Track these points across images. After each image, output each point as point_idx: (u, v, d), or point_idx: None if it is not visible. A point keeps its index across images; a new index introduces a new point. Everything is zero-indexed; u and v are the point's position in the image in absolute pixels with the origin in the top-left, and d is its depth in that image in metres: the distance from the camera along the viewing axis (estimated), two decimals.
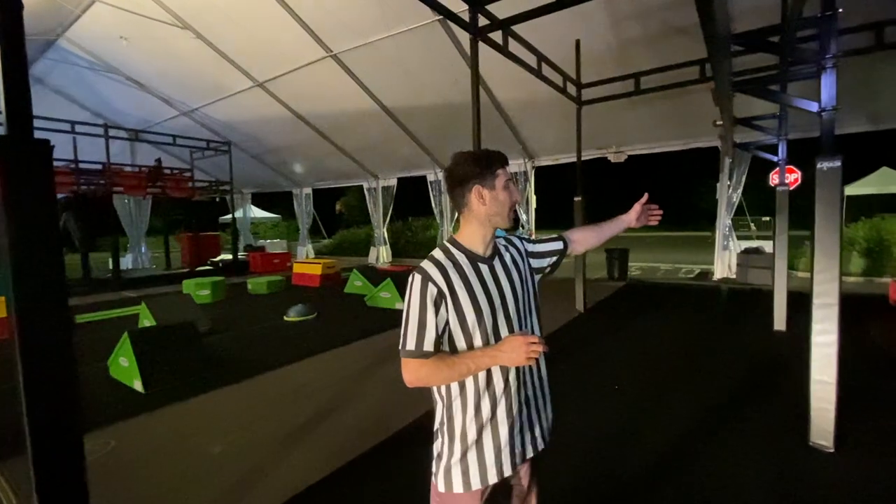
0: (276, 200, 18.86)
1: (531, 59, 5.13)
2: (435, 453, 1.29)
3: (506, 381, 1.23)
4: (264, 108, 10.38)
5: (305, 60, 8.46)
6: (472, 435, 1.22)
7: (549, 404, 1.39)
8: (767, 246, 8.30)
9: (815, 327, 2.81)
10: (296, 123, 10.87)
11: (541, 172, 10.81)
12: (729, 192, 8.61)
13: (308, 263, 10.93)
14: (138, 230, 14.19)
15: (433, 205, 12.42)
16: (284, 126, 11.05)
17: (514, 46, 4.61)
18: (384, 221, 13.89)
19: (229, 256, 13.74)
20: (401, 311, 1.26)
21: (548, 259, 1.47)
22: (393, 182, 13.38)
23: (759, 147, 5.63)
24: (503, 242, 1.38)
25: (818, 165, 2.76)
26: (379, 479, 2.57)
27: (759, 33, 3.27)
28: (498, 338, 1.22)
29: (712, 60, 2.81)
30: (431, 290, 1.18)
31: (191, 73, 9.70)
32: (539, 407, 1.34)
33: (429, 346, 1.17)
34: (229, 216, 15.06)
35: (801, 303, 5.11)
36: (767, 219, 14.79)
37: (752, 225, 9.94)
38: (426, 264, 1.24)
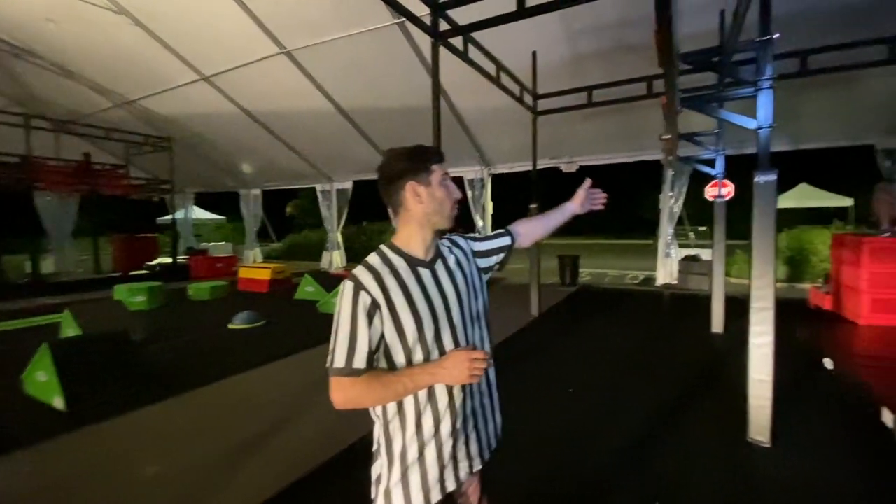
0: (222, 201, 17.90)
1: (490, 68, 5.19)
2: (373, 476, 1.19)
3: (450, 394, 1.14)
4: (211, 103, 9.82)
5: (257, 56, 8.09)
6: (412, 454, 1.13)
7: (497, 411, 1.31)
8: (704, 254, 8.89)
9: (753, 329, 2.99)
10: (245, 121, 10.37)
11: (497, 180, 10.97)
12: (671, 203, 9.14)
13: (256, 268, 10.42)
14: (62, 230, 12.90)
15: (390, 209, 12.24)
16: (232, 123, 10.51)
17: (473, 53, 4.64)
18: (338, 225, 13.55)
19: (168, 260, 12.83)
20: None
21: (495, 257, 1.39)
22: (348, 185, 13.08)
23: (698, 161, 6.01)
24: (447, 244, 1.29)
25: (756, 179, 2.96)
26: (333, 495, 2.44)
27: (704, 54, 3.49)
28: (441, 350, 1.13)
29: (666, 77, 2.95)
30: (364, 300, 1.08)
31: (128, 63, 8.99)
32: (487, 416, 1.26)
33: (360, 362, 1.07)
34: (169, 217, 14.09)
35: (735, 307, 5.53)
36: (704, 228, 15.96)
37: (690, 234, 10.60)
38: (359, 271, 1.13)
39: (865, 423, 3.10)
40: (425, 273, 1.17)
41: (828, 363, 4.23)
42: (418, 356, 1.12)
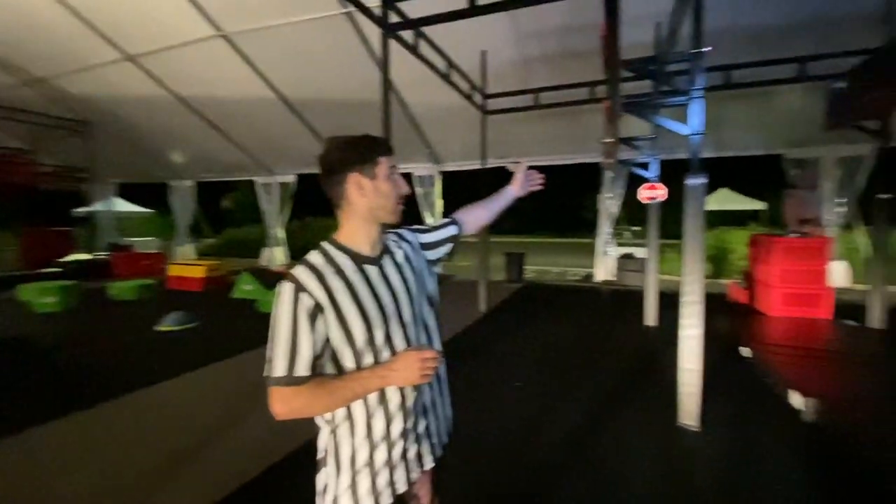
0: (150, 193, 16.50)
1: (440, 65, 5.17)
2: (319, 487, 1.12)
3: (402, 394, 1.10)
4: (136, 85, 8.99)
5: (190, 37, 7.51)
6: (362, 458, 1.07)
7: (448, 406, 1.28)
8: (639, 252, 9.46)
9: (683, 322, 3.21)
10: (176, 107, 9.61)
11: (447, 177, 11.00)
12: (609, 204, 9.63)
13: (188, 265, 9.71)
14: None
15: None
16: (162, 109, 9.70)
17: (423, 49, 4.61)
18: (280, 220, 12.97)
19: (86, 256, 11.63)
20: None
21: (443, 247, 1.35)
22: (291, 178, 12.56)
23: (635, 164, 6.36)
24: (393, 238, 1.23)
25: (687, 182, 3.17)
26: None
27: (643, 62, 3.68)
28: (392, 350, 1.08)
29: (609, 83, 3.08)
30: (305, 302, 1.00)
31: (36, 35, 8.01)
32: (438, 413, 1.23)
33: (302, 370, 0.99)
34: (87, 209, 12.77)
35: (666, 301, 5.92)
36: (639, 228, 17.02)
37: (627, 233, 11.25)
38: (298, 270, 1.04)
39: (777, 405, 3.43)
40: (372, 270, 1.11)
41: (745, 352, 4.64)
42: (367, 359, 1.06)
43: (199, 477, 2.56)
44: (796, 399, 3.30)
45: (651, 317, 6.05)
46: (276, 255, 13.03)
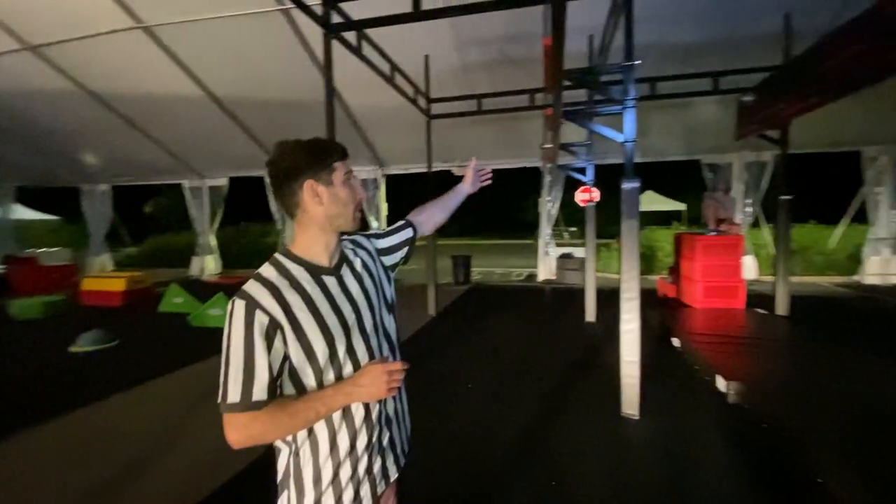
0: (58, 199, 14.81)
1: (384, 67, 5.12)
2: None
3: (366, 408, 1.06)
4: (39, 78, 8.03)
5: (104, 28, 6.84)
6: (326, 477, 1.02)
7: (407, 415, 1.26)
8: (578, 251, 9.95)
9: (623, 317, 3.41)
10: (87, 102, 8.69)
11: (391, 181, 10.91)
12: (548, 207, 10.04)
13: (105, 278, 8.85)
14: None
15: (273, 208, 11.42)
16: (70, 104, 8.73)
17: (366, 51, 4.54)
18: (212, 227, 12.18)
19: None
20: None
21: (400, 252, 1.32)
22: (223, 182, 11.85)
23: (572, 169, 6.69)
24: (350, 245, 1.18)
25: (623, 186, 3.38)
26: None
27: (581, 73, 3.87)
28: (355, 363, 1.04)
29: (553, 91, 3.21)
30: (260, 320, 0.93)
31: None
32: (400, 422, 1.20)
33: (260, 394, 0.92)
34: None
35: (603, 297, 6.27)
36: (575, 229, 17.92)
37: (565, 234, 11.78)
38: (251, 286, 0.97)
39: (706, 390, 3.73)
40: (331, 281, 1.05)
41: (675, 342, 5.02)
42: (330, 376, 1.01)
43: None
44: (721, 383, 3.62)
45: (591, 313, 6.37)
46: (207, 265, 12.21)
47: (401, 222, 1.39)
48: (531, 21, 6.15)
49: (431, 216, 1.47)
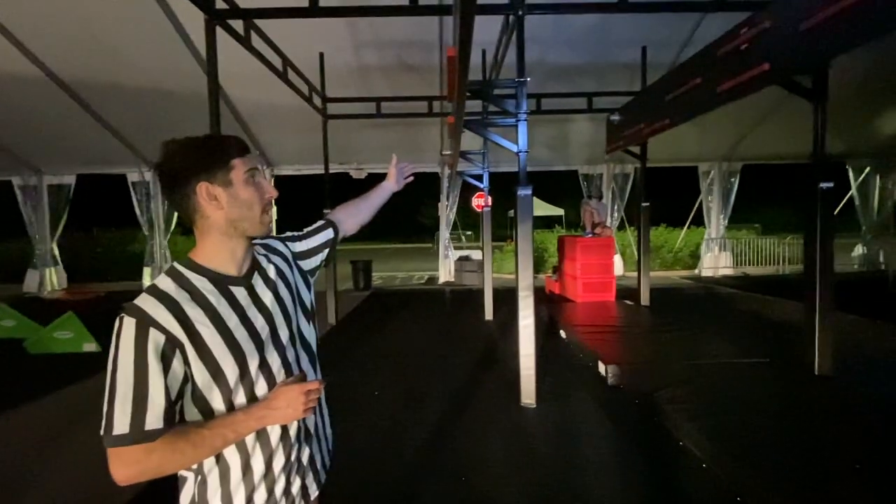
0: None
1: (276, 61, 4.81)
2: None
3: (283, 427, 0.99)
4: None
5: None
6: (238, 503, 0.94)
7: (328, 425, 1.20)
8: (475, 254, 10.42)
9: (521, 313, 3.66)
10: None
11: (283, 182, 10.26)
12: (447, 211, 10.36)
13: None
14: None
15: (138, 212, 9.97)
16: None
17: (255, 42, 4.21)
18: (53, 233, 10.23)
19: None
20: (93, 352, 0.85)
21: (320, 254, 1.25)
22: (69, 179, 10.04)
23: (470, 175, 7.00)
24: (262, 251, 1.07)
25: (518, 192, 3.64)
26: None
27: (477, 85, 4.08)
28: (270, 380, 0.95)
29: (457, 101, 3.33)
30: (155, 339, 0.82)
31: None
32: (321, 436, 1.13)
33: (155, 422, 0.81)
34: None
35: (498, 297, 6.66)
36: (469, 232, 18.72)
37: (462, 237, 12.25)
38: (143, 300, 0.85)
39: (590, 374, 4.20)
40: (240, 292, 0.96)
41: (562, 333, 5.53)
42: (240, 398, 0.92)
43: None
44: (602, 368, 4.09)
45: (489, 311, 6.72)
46: (48, 278, 10.20)
47: (320, 222, 1.31)
48: (428, 30, 6.32)
49: (354, 214, 1.41)
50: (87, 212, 11.90)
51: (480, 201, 6.80)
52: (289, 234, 1.24)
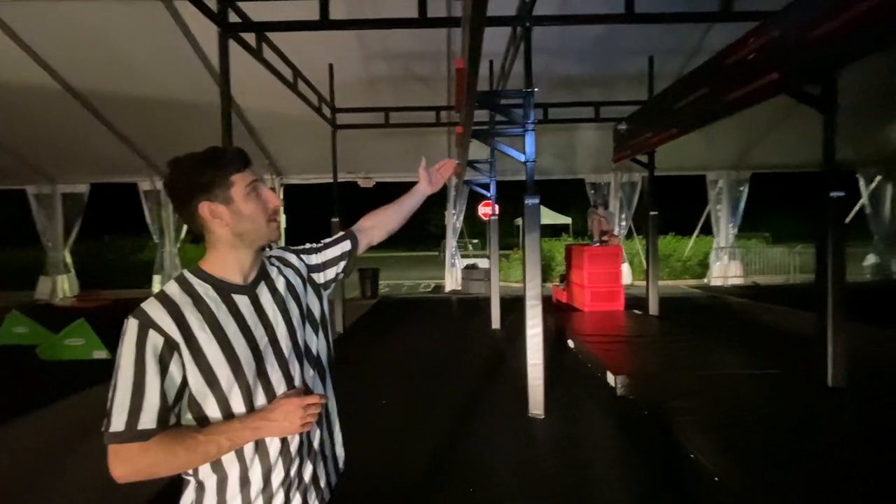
0: None
1: (286, 72, 4.89)
2: None
3: (283, 440, 0.97)
4: None
5: None
6: None
7: (338, 444, 1.17)
8: (481, 262, 10.41)
9: (529, 322, 3.65)
10: None
11: (292, 191, 10.38)
12: (454, 220, 10.39)
13: None
14: None
15: (149, 220, 10.11)
16: None
17: (267, 54, 4.29)
18: (66, 241, 10.39)
19: None
20: (103, 359, 0.88)
21: (336, 266, 1.23)
22: (83, 188, 10.21)
23: (477, 184, 7.03)
24: (276, 263, 1.08)
25: (526, 202, 3.64)
26: None
27: (485, 95, 4.11)
28: (269, 392, 0.95)
29: (466, 111, 3.36)
30: (154, 341, 0.85)
31: None
32: (326, 453, 1.11)
33: (148, 422, 0.83)
34: None
35: (505, 305, 6.64)
36: (476, 241, 18.72)
37: (469, 245, 12.26)
38: (148, 304, 0.89)
39: (598, 384, 4.15)
40: (242, 301, 0.96)
41: (570, 343, 5.50)
42: (237, 406, 0.91)
43: None
44: (610, 378, 4.05)
45: (496, 320, 6.68)
46: (61, 286, 10.33)
47: (340, 233, 1.30)
48: (436, 41, 6.40)
49: (384, 221, 1.38)
50: (99, 220, 12.05)
51: (487, 210, 6.81)
52: (306, 245, 1.24)
